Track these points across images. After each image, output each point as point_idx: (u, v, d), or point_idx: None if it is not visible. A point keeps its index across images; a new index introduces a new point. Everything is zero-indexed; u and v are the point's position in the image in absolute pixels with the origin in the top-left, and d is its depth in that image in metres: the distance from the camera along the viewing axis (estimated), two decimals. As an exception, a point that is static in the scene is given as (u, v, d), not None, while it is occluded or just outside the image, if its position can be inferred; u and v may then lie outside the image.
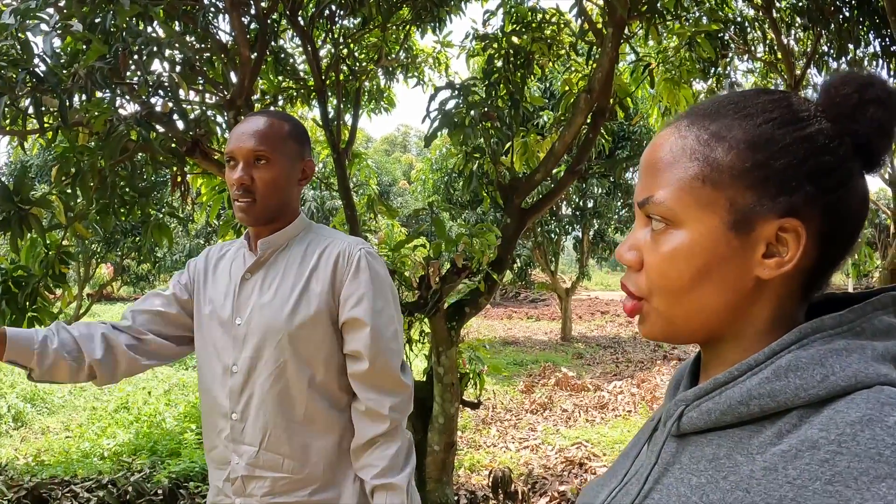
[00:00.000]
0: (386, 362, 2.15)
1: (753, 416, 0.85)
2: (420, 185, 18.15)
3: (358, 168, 7.31)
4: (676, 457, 0.93)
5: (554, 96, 11.41)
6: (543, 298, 29.32)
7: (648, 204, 0.93)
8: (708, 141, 0.90)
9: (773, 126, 0.88)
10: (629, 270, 0.97)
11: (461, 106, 4.47)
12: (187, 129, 4.10)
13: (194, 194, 5.80)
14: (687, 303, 0.92)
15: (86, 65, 3.48)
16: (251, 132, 2.17)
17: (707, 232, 0.89)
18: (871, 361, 0.82)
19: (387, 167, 32.08)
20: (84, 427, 8.21)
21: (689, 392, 0.94)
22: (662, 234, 0.92)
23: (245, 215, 2.18)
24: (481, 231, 4.30)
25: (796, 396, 0.82)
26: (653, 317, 0.96)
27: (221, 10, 4.72)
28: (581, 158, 5.00)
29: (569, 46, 5.86)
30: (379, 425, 2.14)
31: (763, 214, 0.87)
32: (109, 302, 28.91)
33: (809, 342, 0.85)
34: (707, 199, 0.89)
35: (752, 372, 0.87)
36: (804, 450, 0.77)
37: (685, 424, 0.93)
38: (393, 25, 6.23)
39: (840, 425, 0.76)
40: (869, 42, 7.65)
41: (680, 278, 0.91)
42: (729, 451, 0.86)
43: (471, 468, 6.85)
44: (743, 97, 0.93)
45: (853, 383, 0.80)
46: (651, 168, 0.95)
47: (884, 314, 0.88)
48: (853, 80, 0.89)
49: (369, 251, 2.21)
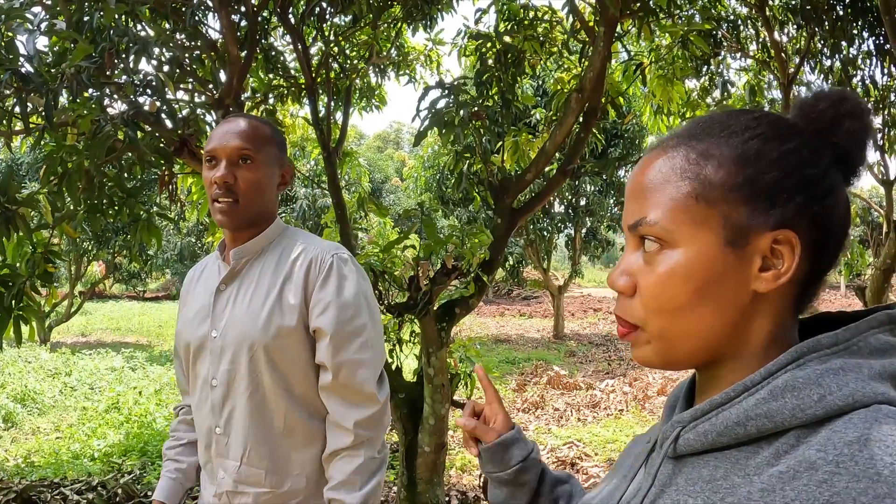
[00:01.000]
0: (349, 374, 2.07)
1: (751, 437, 0.85)
2: (412, 183, 18.11)
3: (349, 166, 7.28)
4: (672, 478, 0.93)
5: (547, 94, 11.41)
6: (536, 296, 29.36)
7: (642, 225, 0.92)
8: (697, 160, 0.91)
9: (760, 141, 0.89)
10: (621, 298, 0.97)
11: (451, 105, 4.44)
12: (175, 129, 4.06)
13: (185, 193, 5.77)
14: (686, 324, 0.91)
15: (72, 64, 3.44)
16: (235, 132, 2.11)
17: (703, 249, 0.89)
18: (868, 380, 0.82)
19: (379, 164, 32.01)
20: (74, 428, 8.17)
21: (685, 413, 0.94)
22: (657, 256, 0.91)
23: (226, 218, 2.11)
24: (472, 232, 4.27)
25: (793, 417, 0.81)
26: (650, 342, 0.95)
27: (211, 7, 4.69)
28: (572, 158, 4.98)
29: (561, 45, 5.84)
30: (342, 438, 2.06)
31: (757, 228, 0.88)
32: (101, 300, 28.88)
33: (805, 362, 0.85)
34: (701, 216, 0.89)
35: (749, 392, 0.86)
36: (802, 471, 0.77)
37: (682, 446, 0.92)
38: (384, 23, 6.20)
39: (838, 445, 0.76)
40: (863, 40, 7.66)
41: (678, 299, 0.90)
42: (726, 472, 0.85)
43: (462, 468, 6.84)
44: (726, 117, 0.94)
45: (850, 403, 0.79)
46: (640, 190, 0.94)
47: (879, 332, 0.88)
48: (826, 96, 0.92)
49: (342, 257, 2.15)
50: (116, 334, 19.70)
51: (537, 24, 5.57)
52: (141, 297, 31.80)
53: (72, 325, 19.36)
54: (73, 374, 11.35)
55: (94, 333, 19.83)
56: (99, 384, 10.75)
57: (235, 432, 2.10)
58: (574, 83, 5.33)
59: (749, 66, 9.40)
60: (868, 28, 7.29)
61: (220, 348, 2.12)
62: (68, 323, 18.05)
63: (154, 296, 32.89)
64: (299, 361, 2.11)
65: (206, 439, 2.19)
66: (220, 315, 2.16)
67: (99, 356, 13.23)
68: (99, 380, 11.06)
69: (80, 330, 20.08)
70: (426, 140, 13.60)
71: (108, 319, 22.75)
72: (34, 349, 13.04)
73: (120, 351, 13.85)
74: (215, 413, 2.13)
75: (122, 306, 27.33)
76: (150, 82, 3.83)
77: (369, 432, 2.08)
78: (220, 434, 2.13)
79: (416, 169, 17.14)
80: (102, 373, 11.60)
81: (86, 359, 12.88)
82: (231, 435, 2.11)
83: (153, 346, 16.91)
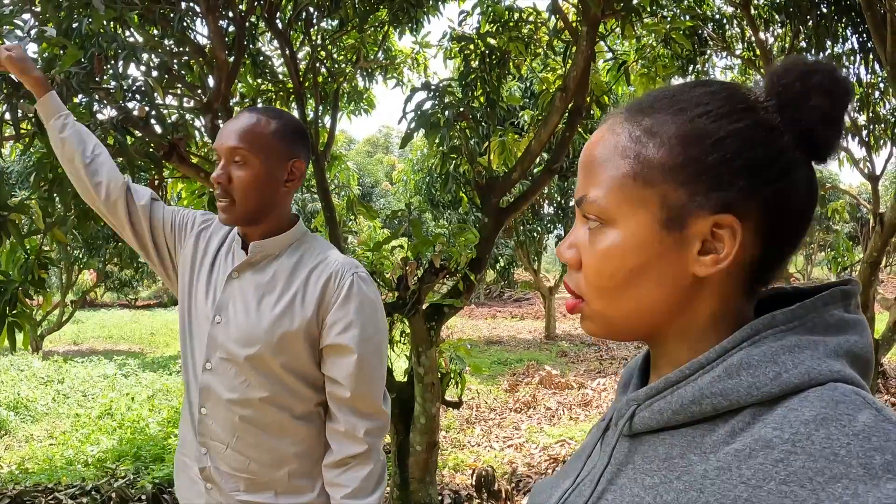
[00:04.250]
0: (368, 391, 2.12)
1: (706, 414, 0.84)
2: (402, 186, 18.11)
3: (338, 170, 7.31)
4: (629, 457, 0.92)
5: (534, 95, 11.44)
6: (527, 297, 29.34)
7: (584, 203, 0.92)
8: (640, 137, 0.89)
9: (707, 120, 0.86)
10: (570, 269, 0.96)
11: (437, 107, 4.48)
12: (164, 134, 4.09)
13: (175, 198, 5.79)
14: (623, 301, 0.91)
15: (61, 70, 3.47)
16: (234, 130, 2.10)
17: (639, 230, 0.88)
18: (824, 358, 0.81)
19: (369, 168, 32.02)
20: (68, 434, 8.16)
21: (640, 391, 0.93)
22: (597, 233, 0.91)
23: (224, 216, 2.12)
24: (460, 231, 4.31)
25: (749, 395, 0.80)
26: (592, 315, 0.95)
27: (198, 13, 4.72)
28: (558, 157, 5.02)
29: (546, 45, 5.88)
30: (355, 447, 2.11)
31: (695, 211, 0.85)
32: (93, 308, 28.75)
33: (761, 339, 0.84)
34: (639, 196, 0.88)
35: (704, 370, 0.85)
36: (758, 449, 0.76)
37: (637, 424, 0.91)
38: (370, 27, 6.24)
39: (794, 424, 0.75)
40: (846, 38, 7.72)
41: (613, 277, 0.90)
42: (682, 450, 0.85)
43: (455, 468, 6.86)
44: (679, 90, 0.91)
45: (806, 380, 0.79)
46: (586, 166, 0.94)
47: (834, 308, 0.87)
48: (795, 68, 0.87)
49: (361, 276, 2.16)
50: (108, 342, 19.62)
51: (522, 26, 5.61)
52: (133, 305, 31.65)
53: (63, 333, 19.26)
54: (65, 382, 11.32)
55: (86, 342, 19.75)
56: (92, 391, 10.73)
57: (223, 418, 2.13)
58: (559, 83, 5.37)
59: (735, 65, 9.47)
60: (852, 26, 7.35)
61: (218, 336, 2.14)
62: (60, 332, 17.97)
63: (146, 304, 32.73)
64: (297, 366, 2.13)
65: (189, 413, 2.22)
66: (226, 303, 2.16)
67: (91, 364, 13.19)
68: (92, 387, 11.03)
69: (71, 338, 19.99)
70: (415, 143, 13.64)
71: (100, 328, 22.64)
72: (26, 357, 12.99)
73: (112, 358, 13.81)
74: (203, 394, 2.16)
75: (114, 314, 27.20)
76: (139, 88, 3.86)
77: (377, 440, 2.15)
78: (206, 415, 2.16)
79: (406, 172, 17.14)
80: (95, 380, 11.57)
81: (78, 366, 12.84)
82: (217, 420, 2.14)
83: (145, 353, 16.86)
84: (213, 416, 2.15)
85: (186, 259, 2.31)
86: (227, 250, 2.27)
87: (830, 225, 29.21)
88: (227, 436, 2.14)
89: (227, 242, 2.29)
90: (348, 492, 2.10)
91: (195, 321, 2.23)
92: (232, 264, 2.21)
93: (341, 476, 2.12)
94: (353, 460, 2.11)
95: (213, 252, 2.29)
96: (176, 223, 2.35)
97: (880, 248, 6.99)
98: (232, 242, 2.27)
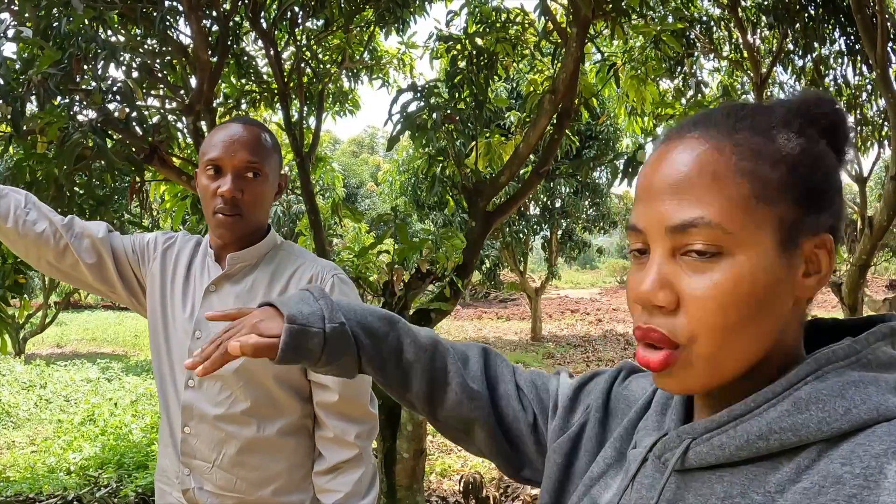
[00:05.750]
0: (355, 392, 2.09)
1: (772, 451, 0.80)
2: (387, 187, 18.10)
3: (323, 172, 7.25)
4: (680, 493, 0.87)
5: (521, 97, 11.42)
6: (513, 298, 29.39)
7: (696, 227, 0.81)
8: (751, 155, 0.82)
9: (801, 140, 0.84)
10: (658, 311, 0.84)
11: (423, 108, 4.43)
12: (145, 136, 4.02)
13: (158, 201, 5.72)
14: (743, 338, 0.82)
15: (39, 71, 3.40)
16: (243, 142, 2.04)
17: (765, 253, 0.81)
18: (887, 394, 0.79)
19: (354, 169, 31.99)
20: (50, 441, 8.07)
21: (697, 424, 0.87)
22: (712, 263, 0.81)
23: (227, 231, 2.06)
24: (447, 236, 4.25)
25: (819, 430, 0.78)
26: (693, 363, 0.84)
27: (181, 12, 4.64)
28: (546, 160, 4.97)
29: (533, 47, 5.83)
30: (345, 452, 2.09)
31: (805, 230, 0.83)
32: (77, 310, 28.61)
33: (824, 374, 0.81)
34: (761, 217, 0.81)
35: (770, 404, 0.81)
36: (828, 486, 0.74)
37: (692, 459, 0.86)
38: (356, 27, 6.19)
39: (864, 459, 0.74)
40: (834, 40, 7.74)
41: (740, 312, 0.80)
42: (743, 489, 0.81)
43: (442, 473, 6.82)
44: (754, 110, 0.87)
45: (875, 416, 0.77)
46: (684, 186, 0.83)
47: (885, 345, 0.84)
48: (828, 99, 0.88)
49: (341, 277, 2.13)
50: (92, 345, 19.54)
51: (509, 27, 5.56)
52: (117, 306, 31.51)
53: (46, 336, 19.15)
54: (48, 387, 11.23)
55: (69, 344, 19.67)
56: (74, 396, 10.65)
57: (208, 437, 2.08)
58: (547, 85, 5.32)
59: (723, 67, 9.48)
60: (839, 28, 7.36)
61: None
62: (43, 334, 17.85)
63: (129, 305, 32.65)
64: (282, 376, 2.09)
65: (169, 436, 2.17)
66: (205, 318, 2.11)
67: (74, 367, 13.10)
68: (74, 391, 10.95)
69: (55, 341, 19.91)
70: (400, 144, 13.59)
71: (84, 330, 22.56)
72: (8, 361, 12.89)
73: (95, 362, 13.71)
74: (185, 413, 2.10)
75: (98, 316, 27.12)
76: (119, 89, 3.79)
77: (367, 443, 2.14)
78: (189, 434, 2.10)
79: (391, 173, 17.11)
80: (78, 384, 11.48)
81: (61, 370, 12.75)
82: (202, 438, 2.09)
83: (129, 356, 16.79)
84: (198, 435, 2.10)
85: (155, 278, 2.23)
86: (200, 264, 2.22)
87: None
88: (213, 454, 2.09)
89: (200, 255, 2.24)
90: (340, 497, 2.08)
91: (173, 339, 2.17)
92: (208, 278, 2.16)
93: (333, 481, 2.10)
94: (345, 465, 2.10)
95: (184, 267, 2.23)
96: (137, 248, 2.25)
97: (869, 251, 6.98)
98: (204, 256, 2.22)
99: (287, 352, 1.09)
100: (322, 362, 1.12)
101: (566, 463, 1.10)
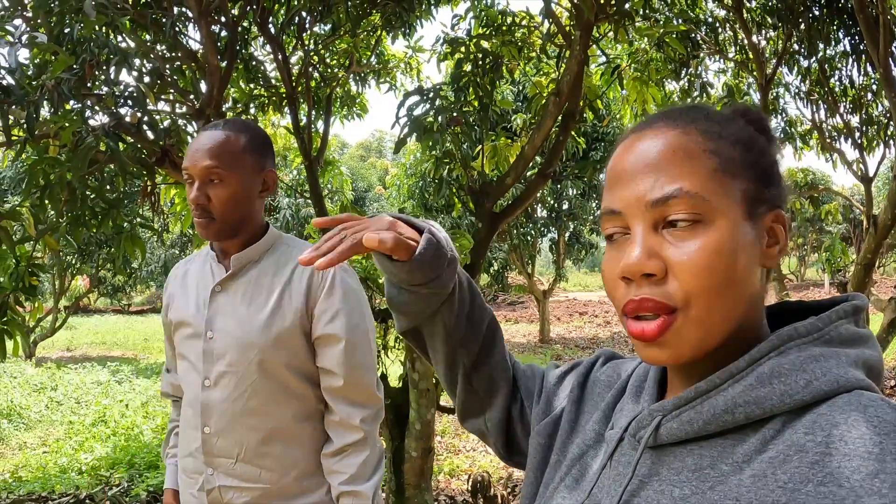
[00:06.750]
0: (360, 377, 2.17)
1: (738, 423, 0.85)
2: (395, 191, 18.09)
3: (331, 175, 7.29)
4: (654, 469, 0.92)
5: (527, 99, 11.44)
6: (521, 301, 29.38)
7: (677, 197, 0.87)
8: (714, 137, 0.91)
9: (749, 129, 0.96)
10: (647, 281, 0.88)
11: (430, 111, 4.47)
12: (157, 139, 4.07)
13: (168, 204, 5.77)
14: (728, 302, 0.87)
15: (53, 76, 3.45)
16: (205, 149, 2.11)
17: (736, 221, 0.88)
18: (847, 367, 0.84)
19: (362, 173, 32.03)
20: (61, 442, 8.13)
21: (666, 402, 0.93)
22: (695, 230, 0.87)
23: (205, 232, 2.14)
24: (454, 236, 4.30)
25: (782, 402, 0.83)
26: (686, 330, 0.87)
27: (191, 18, 4.69)
28: (552, 161, 5.01)
29: (539, 49, 5.86)
30: (351, 435, 2.17)
31: (763, 205, 0.91)
32: (86, 314, 28.71)
33: (786, 349, 0.87)
34: (729, 188, 0.89)
35: (734, 379, 0.87)
36: (792, 454, 0.78)
37: (664, 435, 0.91)
38: (363, 31, 6.22)
39: (826, 427, 0.78)
40: (839, 41, 7.74)
41: (722, 273, 0.86)
42: (713, 460, 0.86)
43: (450, 473, 6.85)
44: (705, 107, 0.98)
45: (835, 388, 0.82)
46: (662, 162, 0.90)
47: (847, 322, 0.91)
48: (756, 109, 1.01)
49: (343, 267, 2.20)
50: (102, 348, 19.60)
51: (515, 30, 5.59)
52: (126, 310, 31.62)
53: (57, 339, 19.23)
54: (58, 389, 11.30)
55: (79, 348, 19.73)
56: (85, 398, 10.71)
57: (228, 431, 2.15)
58: (552, 87, 5.36)
59: (728, 69, 9.49)
60: (844, 28, 7.36)
61: (215, 349, 2.17)
62: (53, 338, 17.94)
63: (139, 309, 32.72)
64: (295, 365, 2.17)
65: (190, 435, 2.23)
66: (216, 316, 2.19)
67: (84, 370, 13.17)
68: (85, 394, 11.01)
69: (65, 344, 19.97)
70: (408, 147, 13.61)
71: (94, 333, 22.62)
72: (19, 364, 12.96)
73: (106, 365, 13.79)
74: (206, 412, 2.17)
75: (107, 320, 27.19)
76: (131, 93, 3.84)
77: (373, 427, 2.21)
78: (210, 434, 2.17)
79: (399, 177, 17.10)
80: (88, 387, 11.55)
81: (71, 373, 12.81)
82: (223, 435, 2.16)
83: (139, 359, 16.84)
84: (219, 433, 2.17)
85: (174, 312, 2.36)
86: (202, 271, 2.31)
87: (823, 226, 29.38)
88: (235, 448, 2.16)
89: (200, 262, 2.34)
90: (345, 478, 2.15)
91: (186, 343, 2.26)
92: (213, 279, 2.24)
93: (339, 463, 2.18)
94: (350, 447, 2.17)
95: (194, 276, 2.33)
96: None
97: (874, 250, 6.99)
98: (204, 261, 2.31)
99: (424, 254, 1.11)
100: (435, 283, 1.16)
101: (548, 444, 1.16)
